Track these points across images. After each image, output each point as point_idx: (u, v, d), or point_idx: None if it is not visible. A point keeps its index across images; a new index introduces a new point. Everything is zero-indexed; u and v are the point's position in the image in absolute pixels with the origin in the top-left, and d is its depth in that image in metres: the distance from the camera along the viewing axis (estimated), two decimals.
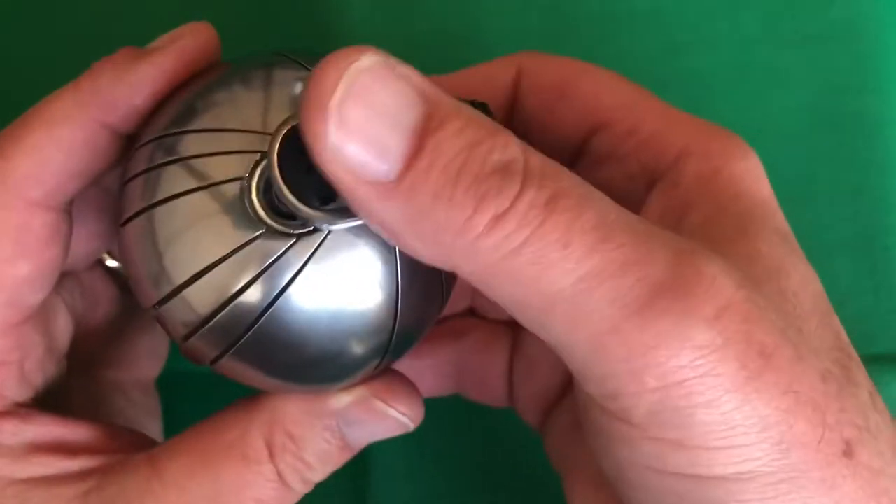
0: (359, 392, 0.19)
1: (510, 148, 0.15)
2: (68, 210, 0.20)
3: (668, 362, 0.15)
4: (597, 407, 0.17)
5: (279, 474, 0.19)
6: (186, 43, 0.19)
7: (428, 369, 0.24)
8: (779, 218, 0.20)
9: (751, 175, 0.20)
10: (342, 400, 0.19)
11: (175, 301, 0.17)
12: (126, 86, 0.18)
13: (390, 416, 0.19)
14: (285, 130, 0.16)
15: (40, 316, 0.21)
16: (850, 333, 0.29)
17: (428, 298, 0.19)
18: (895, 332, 0.29)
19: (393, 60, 0.15)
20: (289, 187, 0.15)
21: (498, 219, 0.15)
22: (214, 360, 0.18)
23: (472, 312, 0.25)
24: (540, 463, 0.29)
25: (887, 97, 0.30)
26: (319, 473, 0.20)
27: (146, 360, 0.26)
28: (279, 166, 0.15)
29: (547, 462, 0.28)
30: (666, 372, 0.15)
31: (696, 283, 0.15)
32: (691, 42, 0.31)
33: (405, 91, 0.15)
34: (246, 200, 0.16)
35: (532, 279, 0.15)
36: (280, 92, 0.17)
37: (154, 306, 0.18)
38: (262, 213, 0.16)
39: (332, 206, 0.16)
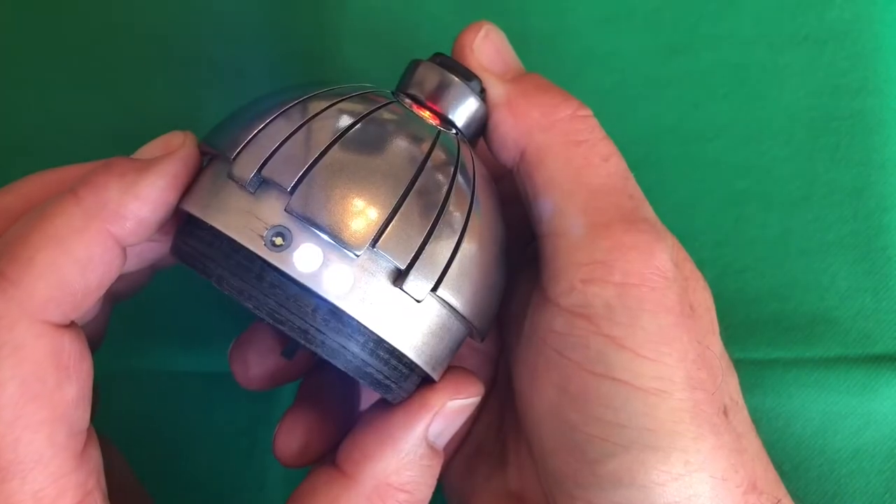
0: (438, 403, 0.20)
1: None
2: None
3: (635, 265, 0.19)
4: (558, 312, 0.20)
5: None
6: (188, 151, 0.19)
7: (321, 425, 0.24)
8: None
9: None
10: (429, 419, 0.20)
11: (400, 216, 0.18)
12: (135, 198, 0.19)
13: (466, 405, 0.21)
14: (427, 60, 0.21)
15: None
16: (849, 334, 0.29)
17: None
18: (894, 332, 0.29)
19: None
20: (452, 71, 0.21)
21: (575, 117, 0.21)
22: (446, 269, 0.19)
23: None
24: None
25: (886, 97, 0.30)
26: (427, 499, 0.21)
27: None
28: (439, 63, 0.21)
29: None
30: (630, 272, 0.19)
31: (665, 235, 0.20)
32: (691, 42, 0.31)
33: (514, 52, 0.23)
34: (411, 111, 0.20)
35: (575, 167, 0.20)
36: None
37: (382, 229, 0.18)
38: (428, 122, 0.20)
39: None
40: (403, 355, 0.19)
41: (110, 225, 0.18)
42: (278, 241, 0.17)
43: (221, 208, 0.18)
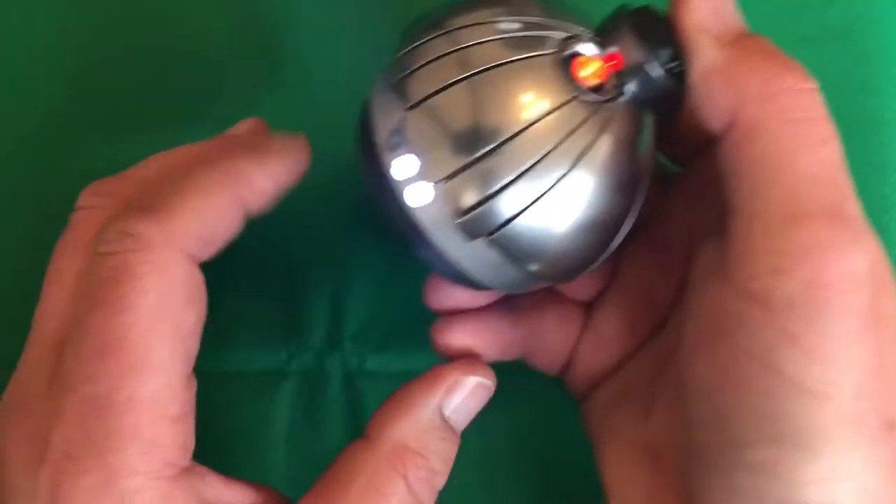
0: (450, 378, 0.23)
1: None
2: None
3: (827, 265, 0.18)
4: (737, 294, 0.19)
5: (415, 495, 0.22)
6: (305, 143, 0.23)
7: (510, 331, 0.25)
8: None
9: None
10: (443, 391, 0.23)
11: (487, 161, 0.19)
12: (264, 172, 0.22)
13: (482, 385, 0.23)
14: (628, 12, 0.21)
15: None
16: None
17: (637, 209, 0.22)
18: None
19: None
20: (645, 45, 0.20)
21: (797, 90, 0.19)
22: (507, 223, 0.20)
23: (549, 289, 0.26)
24: (538, 461, 0.29)
25: (886, 98, 0.30)
26: (443, 476, 0.23)
27: None
28: (635, 31, 0.20)
29: (543, 458, 0.29)
30: (821, 271, 0.18)
31: (868, 237, 0.19)
32: None
33: (739, 14, 0.21)
34: (560, 71, 0.20)
35: (787, 149, 0.19)
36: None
37: (465, 167, 0.19)
38: (571, 82, 0.20)
39: (674, 65, 0.21)
40: (472, 278, 0.21)
41: (243, 190, 0.21)
42: (394, 140, 0.20)
43: (379, 95, 0.21)
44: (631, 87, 0.21)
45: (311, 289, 0.29)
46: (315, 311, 0.29)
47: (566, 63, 0.20)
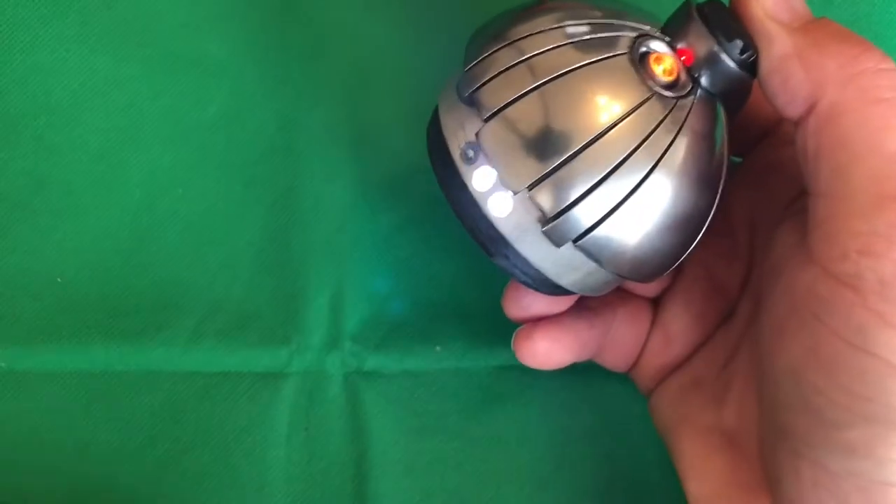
0: None
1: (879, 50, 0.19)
2: None
3: None
4: (823, 276, 0.19)
5: None
6: None
7: (586, 333, 0.26)
8: None
9: None
10: None
11: (571, 165, 0.19)
12: None
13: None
14: (694, 6, 0.21)
15: None
16: None
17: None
18: None
19: None
20: (716, 38, 0.20)
21: (879, 71, 0.19)
22: (593, 228, 0.20)
23: (618, 287, 0.26)
24: (540, 461, 0.29)
25: None
26: None
27: None
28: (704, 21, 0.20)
29: (547, 461, 0.29)
30: None
31: None
32: None
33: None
34: (636, 69, 0.20)
35: (872, 128, 0.18)
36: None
37: (551, 172, 0.19)
38: (646, 81, 0.20)
39: (746, 55, 0.20)
40: (556, 283, 0.21)
41: None
42: (470, 153, 0.20)
43: (450, 109, 0.21)
44: (704, 81, 0.20)
45: (311, 289, 0.29)
46: (315, 311, 0.29)
47: (639, 62, 0.20)
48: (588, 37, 0.20)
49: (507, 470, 0.28)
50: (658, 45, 0.21)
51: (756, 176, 0.24)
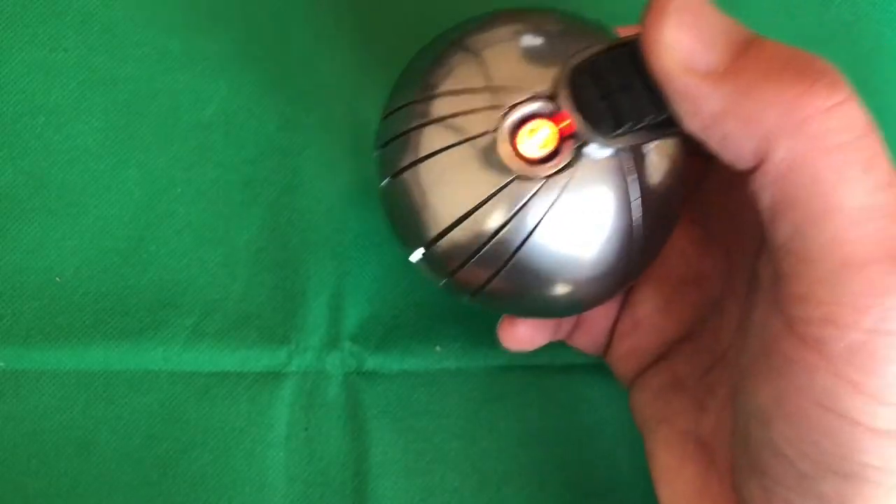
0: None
1: (832, 68, 0.17)
2: None
3: (892, 311, 0.16)
4: (789, 334, 0.17)
5: None
6: None
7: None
8: None
9: None
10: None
11: (444, 241, 0.20)
12: None
13: None
14: (571, 68, 0.18)
15: None
16: None
17: (656, 239, 0.21)
18: None
19: None
20: (578, 112, 0.18)
21: (828, 110, 0.16)
22: (477, 291, 0.21)
23: None
24: (540, 461, 0.29)
25: (886, 98, 0.30)
26: None
27: None
28: (571, 96, 0.18)
29: (548, 460, 0.29)
30: (886, 319, 0.16)
31: None
32: None
33: (730, 18, 0.17)
34: (497, 152, 0.19)
35: (828, 185, 0.16)
36: (504, 52, 0.20)
37: (427, 245, 0.20)
38: (511, 161, 0.19)
39: (621, 130, 0.18)
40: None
41: None
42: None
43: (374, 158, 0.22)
44: (592, 151, 0.19)
45: (310, 288, 0.29)
46: (314, 310, 0.29)
47: (510, 135, 0.19)
48: (462, 110, 0.19)
49: (507, 470, 0.29)
50: (541, 110, 0.19)
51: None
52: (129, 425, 0.28)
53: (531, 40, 0.19)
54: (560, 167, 0.19)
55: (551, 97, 0.19)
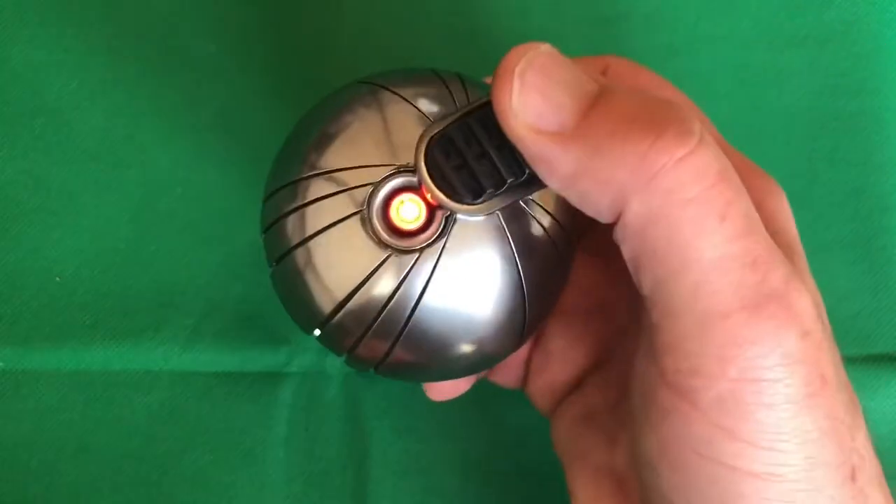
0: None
1: (685, 112, 0.16)
2: None
3: (756, 360, 0.16)
4: (663, 384, 0.18)
5: None
6: None
7: None
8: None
9: (784, 214, 0.21)
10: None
11: (336, 319, 0.19)
12: None
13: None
14: (427, 142, 0.18)
15: None
16: (848, 333, 0.29)
17: (549, 287, 0.21)
18: (894, 332, 0.29)
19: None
20: (437, 187, 0.18)
21: (678, 162, 0.16)
22: (378, 364, 0.20)
23: None
24: (540, 460, 0.29)
25: (886, 98, 0.30)
26: None
27: None
28: (427, 168, 0.18)
29: (547, 459, 0.28)
30: (750, 368, 0.16)
31: (797, 301, 0.17)
32: (691, 42, 0.31)
33: (577, 72, 0.17)
34: (370, 230, 0.19)
35: (684, 238, 0.16)
36: (368, 126, 0.19)
37: (322, 325, 0.20)
38: (385, 237, 0.19)
39: (481, 199, 0.18)
40: None
41: None
42: None
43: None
44: (463, 217, 0.19)
45: None
46: None
47: (381, 212, 0.19)
48: (325, 194, 0.19)
49: (507, 471, 0.28)
50: (407, 183, 0.19)
51: None
52: (129, 425, 0.28)
53: (400, 112, 0.19)
54: (433, 238, 0.19)
55: (414, 170, 0.18)
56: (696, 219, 0.16)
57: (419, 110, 0.19)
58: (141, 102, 0.29)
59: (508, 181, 0.18)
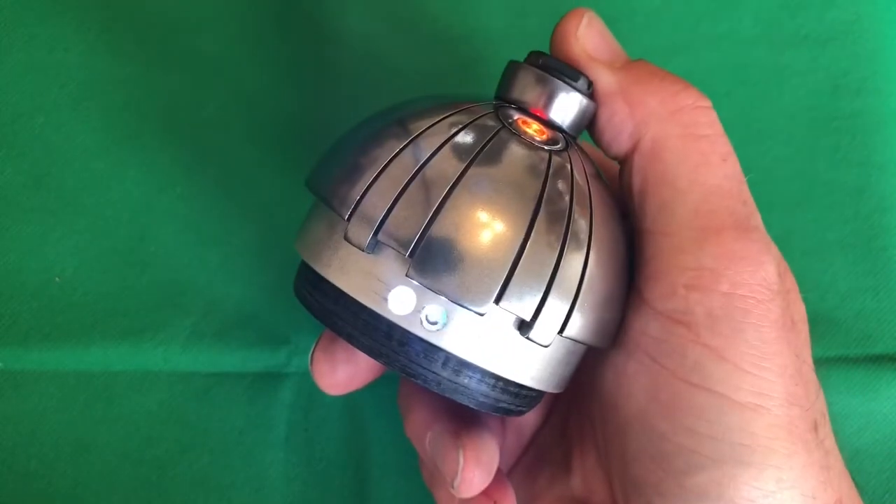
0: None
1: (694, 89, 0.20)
2: None
3: (744, 276, 0.18)
4: (655, 317, 0.19)
5: None
6: None
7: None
8: None
9: None
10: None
11: (519, 270, 0.18)
12: None
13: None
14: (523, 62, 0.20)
15: None
16: (849, 334, 0.29)
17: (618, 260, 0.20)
18: (894, 332, 0.29)
19: None
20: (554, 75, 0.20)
21: (696, 107, 0.20)
22: (569, 314, 0.18)
23: None
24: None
25: (886, 97, 0.30)
26: None
27: None
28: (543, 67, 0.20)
29: None
30: (739, 282, 0.18)
31: (772, 245, 0.19)
32: (691, 42, 0.31)
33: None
34: (521, 137, 0.19)
35: (692, 163, 0.19)
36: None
37: (504, 285, 0.17)
38: (534, 142, 0.19)
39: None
40: (533, 389, 0.19)
41: None
42: (414, 305, 0.17)
43: (343, 268, 0.18)
44: (568, 121, 0.20)
45: None
46: None
47: (516, 126, 0.19)
48: (455, 119, 0.19)
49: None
50: (512, 113, 0.20)
51: None
52: (129, 425, 0.28)
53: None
54: (561, 141, 0.20)
55: (506, 101, 0.21)
56: (703, 152, 0.19)
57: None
58: (141, 102, 0.29)
59: (590, 83, 0.21)
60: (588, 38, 0.21)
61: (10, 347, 0.27)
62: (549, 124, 0.20)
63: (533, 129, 0.20)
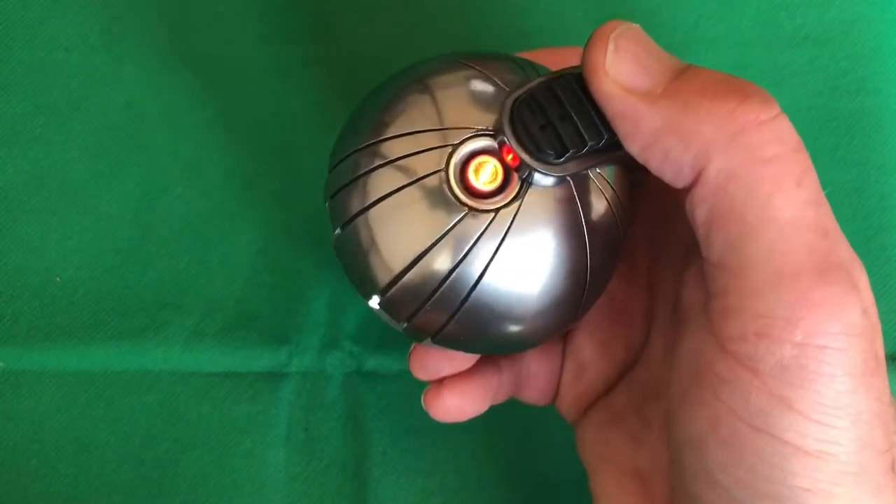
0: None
1: (762, 89, 0.18)
2: None
3: (821, 325, 0.17)
4: (722, 354, 0.18)
5: None
6: None
7: (496, 378, 0.25)
8: None
9: None
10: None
11: (399, 287, 0.19)
12: None
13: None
14: (512, 102, 0.19)
15: None
16: None
17: (608, 265, 0.21)
18: (894, 332, 0.29)
19: None
20: (520, 144, 0.19)
21: (762, 123, 0.17)
22: (437, 333, 0.20)
23: None
24: (539, 461, 0.29)
25: (886, 97, 0.30)
26: None
27: None
28: (512, 129, 0.19)
29: (545, 461, 0.29)
30: (816, 332, 0.17)
31: (860, 278, 0.17)
32: (691, 42, 0.31)
33: (663, 50, 0.19)
34: (446, 187, 0.19)
35: (764, 194, 0.17)
36: (449, 93, 0.20)
37: (382, 292, 0.20)
38: (462, 196, 0.19)
39: (563, 158, 0.19)
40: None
41: None
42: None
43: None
44: (539, 181, 0.19)
45: (310, 289, 0.29)
46: (314, 310, 0.29)
47: (459, 173, 0.19)
48: (406, 154, 0.19)
49: (506, 470, 0.29)
50: (487, 146, 0.19)
51: (657, 200, 0.23)
52: (129, 425, 0.28)
53: (478, 82, 0.20)
54: (509, 200, 0.19)
55: (495, 133, 0.19)
56: (775, 178, 0.17)
57: (496, 81, 0.20)
58: (141, 102, 0.29)
59: (590, 143, 0.18)
60: (619, 68, 0.18)
61: (11, 347, 0.28)
62: (520, 171, 0.19)
63: (485, 175, 0.19)
